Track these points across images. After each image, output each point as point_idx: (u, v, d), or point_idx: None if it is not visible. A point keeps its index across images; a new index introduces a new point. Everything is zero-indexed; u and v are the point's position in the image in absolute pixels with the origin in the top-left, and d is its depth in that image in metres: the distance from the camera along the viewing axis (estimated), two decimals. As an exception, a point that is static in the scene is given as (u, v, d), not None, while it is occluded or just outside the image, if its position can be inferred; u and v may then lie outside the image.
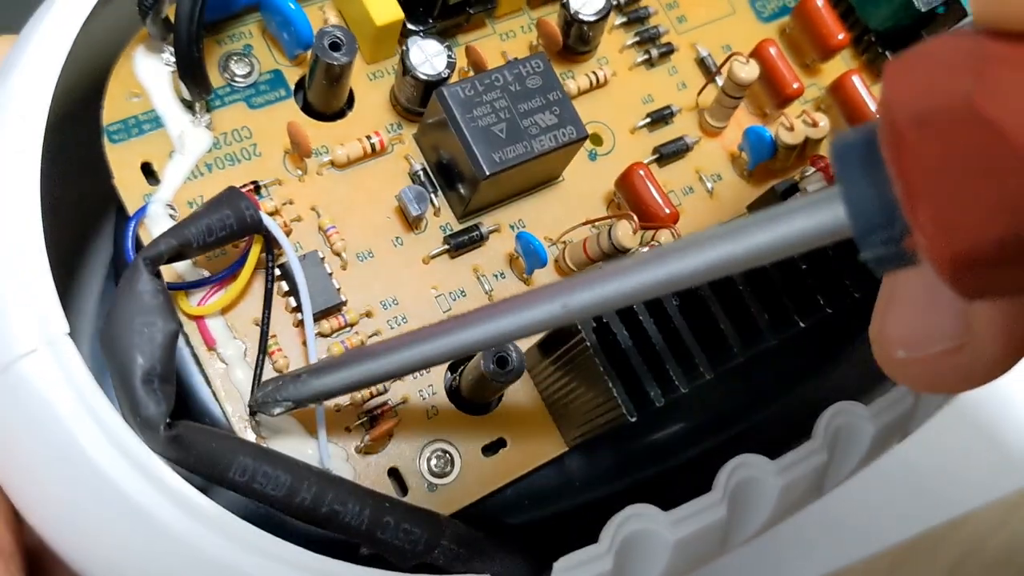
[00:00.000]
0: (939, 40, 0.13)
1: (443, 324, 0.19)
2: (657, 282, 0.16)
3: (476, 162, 0.25)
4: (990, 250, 0.12)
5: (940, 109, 0.12)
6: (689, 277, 0.15)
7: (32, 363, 0.20)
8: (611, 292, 0.16)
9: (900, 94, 0.12)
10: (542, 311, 0.17)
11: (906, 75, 0.13)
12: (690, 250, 0.15)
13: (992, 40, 0.12)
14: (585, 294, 0.16)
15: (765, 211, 0.14)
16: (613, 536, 0.22)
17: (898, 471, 0.47)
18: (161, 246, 0.21)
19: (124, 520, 0.20)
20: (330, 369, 0.22)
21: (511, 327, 0.18)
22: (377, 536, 0.22)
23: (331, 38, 0.24)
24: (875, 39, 0.31)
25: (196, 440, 0.20)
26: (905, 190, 0.12)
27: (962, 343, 0.15)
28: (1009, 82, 0.12)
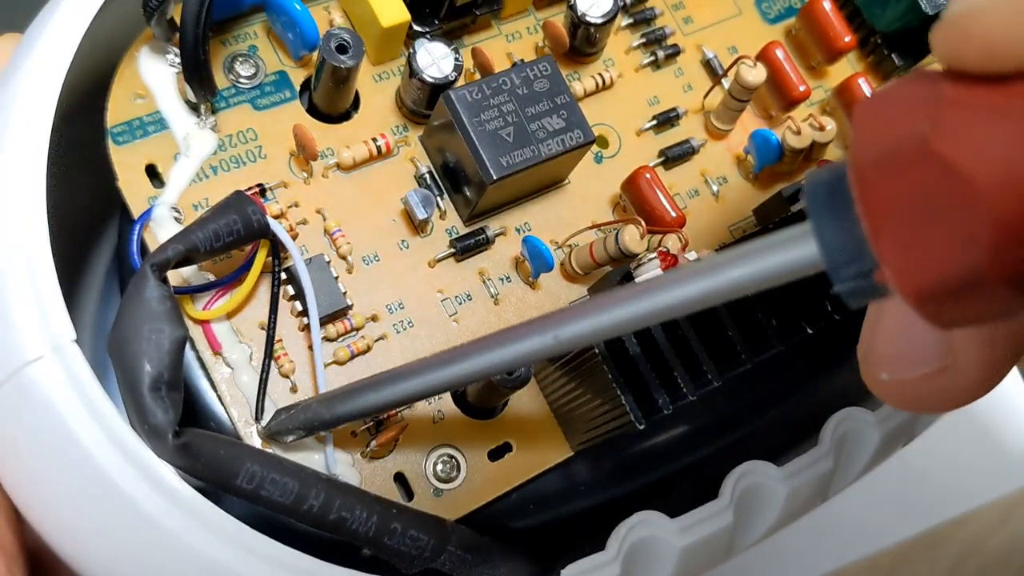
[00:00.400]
0: (900, 83, 0.13)
1: (444, 355, 0.20)
2: (639, 316, 0.16)
3: (483, 166, 0.24)
4: (953, 284, 0.12)
5: (899, 150, 0.13)
6: (670, 310, 0.16)
7: (39, 370, 0.20)
8: (599, 324, 0.17)
9: (864, 135, 0.13)
10: (534, 343, 0.18)
11: (869, 117, 0.13)
12: (672, 285, 0.16)
13: (949, 82, 0.13)
14: (575, 326, 0.17)
15: (742, 247, 0.15)
16: (620, 543, 0.22)
17: (898, 471, 0.47)
18: (168, 252, 0.21)
19: (130, 526, 0.20)
20: (338, 399, 0.22)
21: (507, 358, 0.19)
22: (384, 542, 0.22)
23: (338, 40, 0.24)
24: (881, 41, 0.31)
25: (204, 447, 0.20)
26: (870, 227, 0.13)
27: (943, 366, 0.16)
28: (963, 124, 0.12)
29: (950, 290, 0.12)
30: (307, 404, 0.23)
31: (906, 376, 0.16)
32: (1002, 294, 0.12)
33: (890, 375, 0.16)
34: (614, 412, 0.23)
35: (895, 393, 0.17)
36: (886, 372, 0.16)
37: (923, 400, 0.17)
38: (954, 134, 0.12)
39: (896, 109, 0.13)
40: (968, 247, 0.12)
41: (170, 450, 0.20)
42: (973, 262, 0.12)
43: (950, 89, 0.13)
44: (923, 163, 0.12)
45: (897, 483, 0.47)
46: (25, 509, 0.21)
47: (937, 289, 0.12)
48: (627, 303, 0.16)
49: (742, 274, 0.15)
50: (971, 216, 0.12)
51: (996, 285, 0.12)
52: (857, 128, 0.13)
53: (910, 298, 0.13)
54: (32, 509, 0.21)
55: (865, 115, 0.13)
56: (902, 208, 0.13)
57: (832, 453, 0.24)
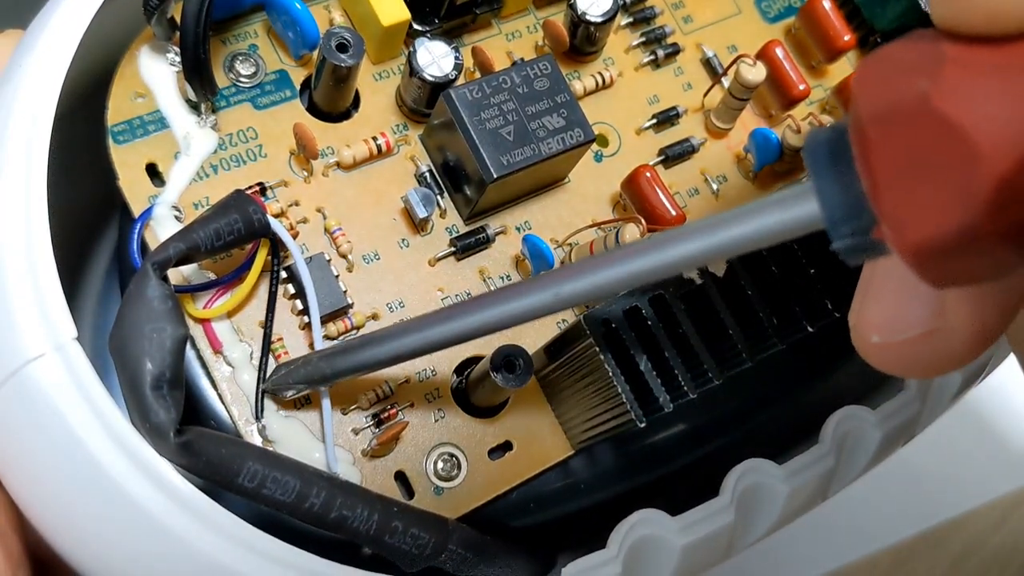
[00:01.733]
0: (901, 42, 0.14)
1: (444, 311, 0.20)
2: (641, 271, 0.17)
3: (484, 165, 0.24)
4: (950, 240, 0.12)
5: (899, 107, 0.13)
6: (672, 266, 0.16)
7: (40, 368, 0.20)
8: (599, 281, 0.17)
9: (864, 93, 0.13)
10: (535, 299, 0.18)
11: (870, 75, 0.13)
12: (674, 241, 0.16)
13: (948, 42, 0.13)
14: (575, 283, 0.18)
15: (744, 205, 0.15)
16: (622, 541, 0.22)
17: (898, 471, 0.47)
18: (169, 250, 0.21)
19: (131, 525, 0.20)
20: (339, 354, 0.22)
21: (509, 313, 0.19)
22: (385, 541, 0.22)
23: (338, 39, 0.24)
24: (881, 40, 0.31)
25: (206, 446, 0.20)
26: (869, 183, 0.13)
27: (934, 329, 0.16)
28: (963, 81, 0.12)
29: (947, 246, 0.13)
30: (307, 358, 0.23)
31: (896, 339, 0.16)
32: (998, 251, 0.12)
33: (880, 338, 0.17)
34: (615, 410, 0.23)
35: (884, 356, 0.17)
36: (876, 335, 0.17)
37: (912, 363, 0.17)
38: (954, 91, 0.12)
39: (897, 67, 0.13)
40: (967, 204, 0.12)
41: (172, 448, 0.20)
42: (971, 218, 0.12)
43: (950, 48, 0.13)
44: (923, 120, 0.12)
45: (897, 483, 0.47)
46: (26, 508, 0.21)
47: (934, 245, 0.13)
48: (629, 259, 0.17)
49: (743, 231, 0.15)
50: (970, 173, 0.12)
51: (993, 242, 0.12)
52: (858, 85, 0.14)
53: (907, 254, 0.13)
54: (33, 508, 0.21)
55: (866, 72, 0.14)
56: (901, 164, 0.13)
57: (833, 452, 0.24)
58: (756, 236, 0.15)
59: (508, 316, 0.19)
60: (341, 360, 0.22)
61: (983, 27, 0.13)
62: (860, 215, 0.14)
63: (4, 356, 0.20)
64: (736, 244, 0.15)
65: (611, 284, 0.17)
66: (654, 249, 0.16)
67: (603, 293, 0.17)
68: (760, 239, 0.15)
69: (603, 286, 0.17)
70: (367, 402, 0.24)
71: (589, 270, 0.17)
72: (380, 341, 0.21)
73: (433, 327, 0.20)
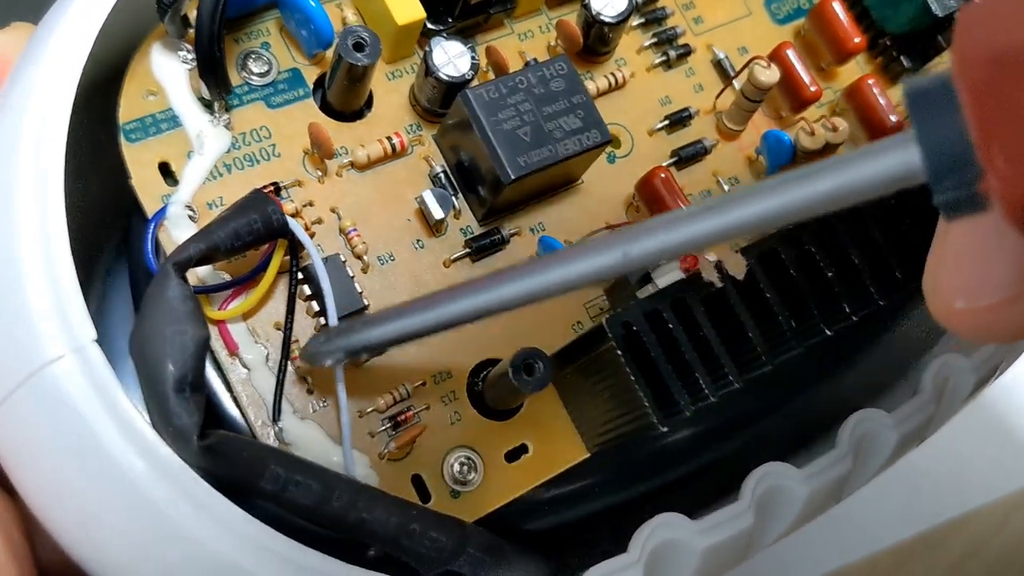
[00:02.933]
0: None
1: (495, 275, 0.18)
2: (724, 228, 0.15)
3: (501, 166, 0.24)
4: None
5: (1018, 50, 0.12)
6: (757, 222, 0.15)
7: (59, 370, 0.20)
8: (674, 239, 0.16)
9: (978, 33, 0.12)
10: (603, 259, 0.17)
11: (984, 15, 0.13)
12: (758, 197, 0.15)
13: None
14: (647, 241, 0.16)
15: (833, 157, 0.14)
16: (643, 545, 0.22)
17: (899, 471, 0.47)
18: (190, 251, 0.21)
19: (152, 529, 0.20)
20: (381, 320, 0.21)
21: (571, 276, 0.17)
22: (404, 544, 0.22)
23: (355, 38, 0.24)
24: (890, 43, 0.31)
25: (229, 450, 0.20)
26: (980, 132, 0.12)
27: (1020, 292, 0.15)
28: None
29: None
30: (347, 326, 0.22)
31: (982, 303, 0.16)
32: None
33: (966, 303, 0.16)
34: (634, 413, 0.23)
35: (970, 322, 0.16)
36: (962, 300, 0.16)
37: (1000, 329, 0.16)
38: None
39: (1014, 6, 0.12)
40: None
41: (195, 452, 0.19)
42: None
43: None
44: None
45: (898, 483, 0.47)
46: (43, 513, 0.21)
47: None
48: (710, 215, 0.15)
49: (837, 183, 0.14)
50: None
51: None
52: (967, 26, 0.13)
53: (1016, 207, 0.12)
54: (50, 513, 0.21)
55: (976, 13, 0.13)
56: (1017, 114, 0.12)
57: (850, 455, 0.24)
58: (851, 189, 0.14)
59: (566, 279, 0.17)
60: (382, 326, 0.20)
61: None
62: (965, 167, 0.13)
63: (22, 358, 0.20)
64: (828, 198, 0.14)
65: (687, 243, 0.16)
66: (737, 204, 0.15)
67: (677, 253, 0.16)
68: (855, 192, 0.14)
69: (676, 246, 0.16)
70: (384, 404, 0.24)
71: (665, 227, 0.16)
72: (427, 307, 0.19)
73: (486, 291, 0.18)
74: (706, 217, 0.15)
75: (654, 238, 0.16)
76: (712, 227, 0.15)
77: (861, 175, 0.14)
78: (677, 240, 0.16)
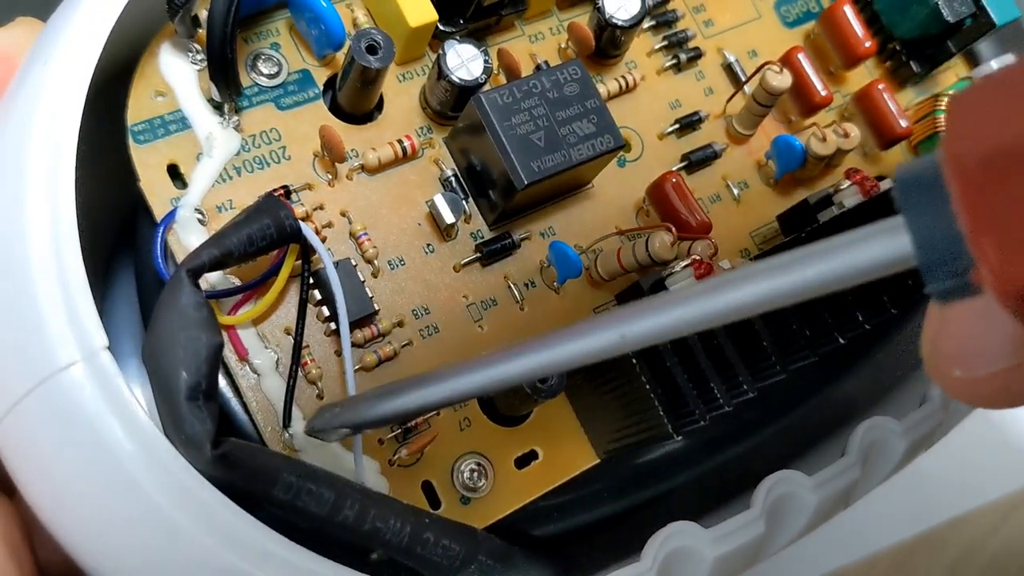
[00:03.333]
0: (1012, 70, 0.13)
1: (497, 354, 0.19)
2: (714, 313, 0.15)
3: (515, 171, 0.24)
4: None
5: (1011, 147, 0.12)
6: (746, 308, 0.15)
7: (71, 376, 0.19)
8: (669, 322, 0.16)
9: (968, 129, 0.12)
10: (601, 339, 0.17)
11: (973, 109, 0.13)
12: (749, 280, 0.15)
13: None
14: (644, 323, 0.16)
15: (823, 241, 0.14)
16: (656, 553, 0.22)
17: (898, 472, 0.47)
18: (203, 257, 0.20)
19: (163, 538, 0.20)
20: (385, 397, 0.21)
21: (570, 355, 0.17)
22: (417, 552, 0.22)
23: (369, 40, 0.24)
24: (900, 47, 0.31)
25: (241, 458, 0.20)
26: (971, 225, 0.12)
27: (1017, 363, 0.15)
28: None
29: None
30: (353, 402, 0.22)
31: (980, 373, 0.16)
32: None
33: (964, 372, 0.16)
34: (648, 422, 0.23)
35: (968, 391, 0.16)
36: (959, 369, 0.16)
37: (995, 396, 0.16)
38: None
39: (1008, 100, 0.12)
40: None
41: (208, 461, 0.19)
42: None
43: None
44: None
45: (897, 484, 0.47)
46: (50, 519, 0.21)
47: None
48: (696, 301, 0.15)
49: (825, 269, 0.14)
50: None
51: None
52: (957, 121, 0.13)
53: (1008, 299, 0.12)
54: (58, 519, 0.21)
55: (967, 106, 0.13)
56: (1008, 209, 0.12)
57: (859, 462, 0.24)
58: (839, 276, 0.14)
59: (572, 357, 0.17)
60: (388, 402, 0.20)
61: None
62: (957, 257, 0.13)
63: (33, 364, 0.20)
64: (818, 284, 0.14)
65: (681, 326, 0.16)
66: (725, 289, 0.15)
67: (672, 336, 0.16)
68: (845, 279, 0.14)
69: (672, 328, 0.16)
70: (394, 410, 0.24)
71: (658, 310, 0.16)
72: (430, 383, 0.19)
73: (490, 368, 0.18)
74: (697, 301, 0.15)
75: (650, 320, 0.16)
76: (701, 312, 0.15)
77: (852, 261, 0.14)
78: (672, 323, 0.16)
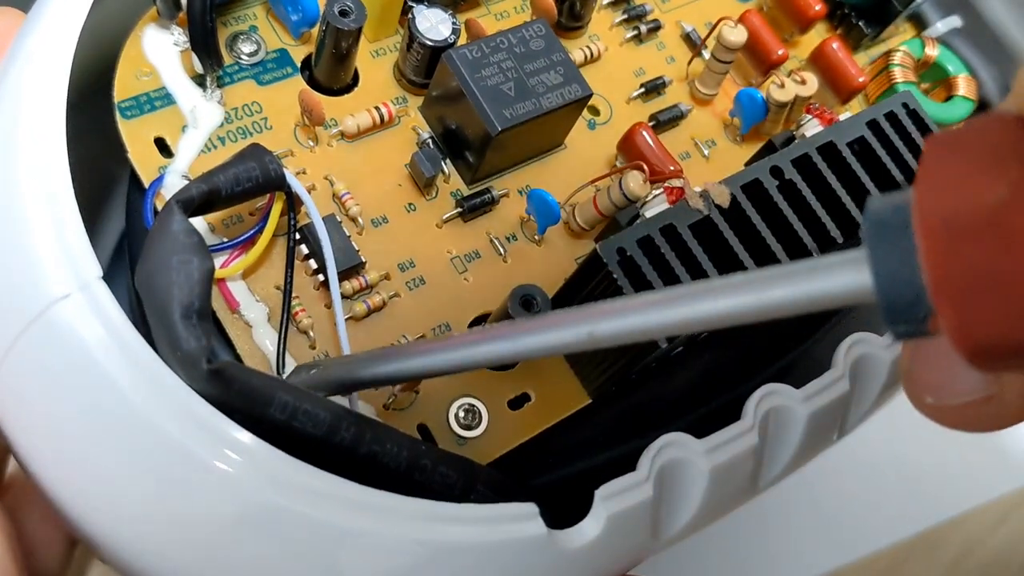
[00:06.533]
0: (978, 130, 0.13)
1: (471, 334, 0.20)
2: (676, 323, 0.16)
3: (487, 118, 0.25)
4: (1011, 348, 0.12)
5: (972, 214, 0.12)
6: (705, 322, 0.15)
7: (67, 308, 0.20)
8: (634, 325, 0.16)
9: (933, 186, 0.13)
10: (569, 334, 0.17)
11: (942, 166, 0.13)
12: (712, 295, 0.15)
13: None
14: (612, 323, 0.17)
15: (790, 264, 0.15)
16: (651, 463, 0.22)
17: (898, 470, 0.47)
18: (192, 190, 0.21)
19: (165, 462, 0.20)
20: (359, 363, 0.22)
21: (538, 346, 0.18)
22: (415, 478, 0.22)
23: (341, 5, 0.25)
24: (849, 11, 0.32)
25: (237, 376, 0.20)
26: (932, 280, 0.12)
27: (988, 396, 0.16)
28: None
29: (1008, 352, 0.12)
30: (327, 364, 0.23)
31: (952, 403, 0.16)
32: None
33: (935, 400, 0.17)
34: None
35: (939, 416, 0.17)
36: (931, 397, 0.17)
37: (968, 423, 0.17)
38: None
39: (973, 162, 0.12)
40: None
41: (203, 377, 0.20)
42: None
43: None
44: (999, 232, 0.12)
45: (896, 483, 0.47)
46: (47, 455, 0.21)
47: (994, 350, 0.12)
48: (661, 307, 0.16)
49: (787, 293, 0.14)
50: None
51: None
52: (928, 172, 0.13)
53: (964, 352, 0.12)
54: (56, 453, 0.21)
55: (938, 160, 0.13)
56: (969, 270, 0.12)
57: (847, 376, 0.24)
58: (801, 301, 0.14)
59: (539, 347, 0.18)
60: (362, 369, 0.21)
61: None
62: (918, 303, 0.13)
63: (29, 299, 0.20)
64: (778, 307, 0.14)
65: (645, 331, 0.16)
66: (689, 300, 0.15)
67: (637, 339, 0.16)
68: (805, 304, 0.14)
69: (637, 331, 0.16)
70: (385, 356, 0.24)
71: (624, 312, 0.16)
72: (405, 356, 0.21)
73: (465, 348, 0.19)
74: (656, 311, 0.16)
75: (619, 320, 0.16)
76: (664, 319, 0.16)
77: (813, 289, 0.14)
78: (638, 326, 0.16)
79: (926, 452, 0.48)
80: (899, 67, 0.31)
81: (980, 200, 0.12)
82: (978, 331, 0.12)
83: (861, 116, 0.27)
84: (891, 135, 0.27)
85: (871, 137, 0.26)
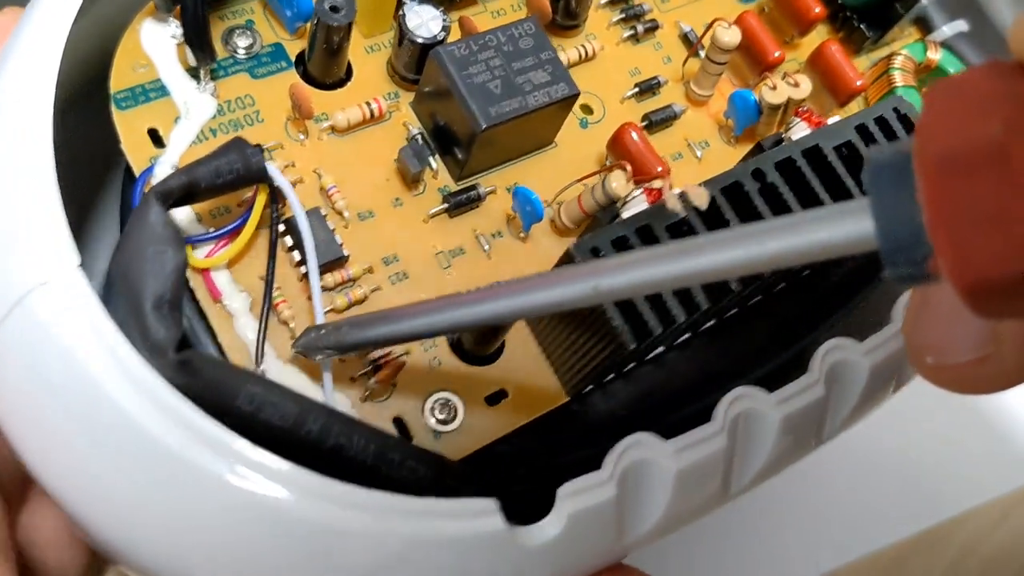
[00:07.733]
0: (977, 75, 0.13)
1: (480, 291, 0.20)
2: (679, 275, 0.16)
3: (472, 116, 0.25)
4: (1008, 283, 0.12)
5: (968, 151, 0.12)
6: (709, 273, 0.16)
7: (44, 295, 0.20)
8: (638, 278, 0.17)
9: (933, 128, 0.13)
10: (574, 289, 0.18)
11: (941, 108, 0.13)
12: (714, 248, 0.16)
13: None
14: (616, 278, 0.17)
15: (792, 216, 0.15)
16: (615, 463, 0.22)
17: (898, 470, 0.47)
18: (171, 182, 0.22)
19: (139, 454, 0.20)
20: (369, 324, 0.22)
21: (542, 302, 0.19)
22: (382, 472, 0.22)
23: (331, 1, 0.25)
24: (851, 14, 0.32)
25: (205, 367, 0.20)
26: (931, 219, 0.13)
27: (987, 354, 0.16)
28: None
29: (1004, 288, 0.12)
30: (338, 325, 0.23)
31: (951, 362, 0.17)
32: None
33: (935, 360, 0.17)
34: (606, 339, 0.23)
35: (939, 376, 0.17)
36: (931, 357, 0.17)
37: (966, 384, 0.17)
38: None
39: (970, 104, 0.13)
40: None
41: (171, 366, 0.20)
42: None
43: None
44: (995, 168, 0.12)
45: (896, 482, 0.47)
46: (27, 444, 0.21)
47: (990, 286, 0.12)
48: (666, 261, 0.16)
49: (790, 243, 0.15)
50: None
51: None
52: (927, 116, 0.13)
53: (963, 290, 0.13)
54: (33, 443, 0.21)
55: (937, 105, 0.13)
56: (966, 206, 0.12)
57: (822, 381, 0.24)
58: (803, 250, 0.15)
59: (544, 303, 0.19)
60: (371, 329, 0.22)
61: None
62: (917, 245, 0.13)
63: (9, 286, 0.21)
64: (781, 256, 0.15)
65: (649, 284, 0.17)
66: (691, 253, 0.16)
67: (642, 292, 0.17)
68: (806, 254, 0.15)
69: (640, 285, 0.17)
70: (364, 350, 0.25)
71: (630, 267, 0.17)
72: (412, 315, 0.22)
73: (468, 307, 0.20)
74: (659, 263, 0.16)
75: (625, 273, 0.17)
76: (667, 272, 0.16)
77: (816, 238, 0.14)
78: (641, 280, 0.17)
79: (926, 452, 0.48)
80: (899, 71, 0.31)
81: (975, 137, 0.12)
82: (974, 265, 0.12)
83: (850, 120, 0.26)
84: (880, 139, 0.26)
85: (859, 141, 0.26)
